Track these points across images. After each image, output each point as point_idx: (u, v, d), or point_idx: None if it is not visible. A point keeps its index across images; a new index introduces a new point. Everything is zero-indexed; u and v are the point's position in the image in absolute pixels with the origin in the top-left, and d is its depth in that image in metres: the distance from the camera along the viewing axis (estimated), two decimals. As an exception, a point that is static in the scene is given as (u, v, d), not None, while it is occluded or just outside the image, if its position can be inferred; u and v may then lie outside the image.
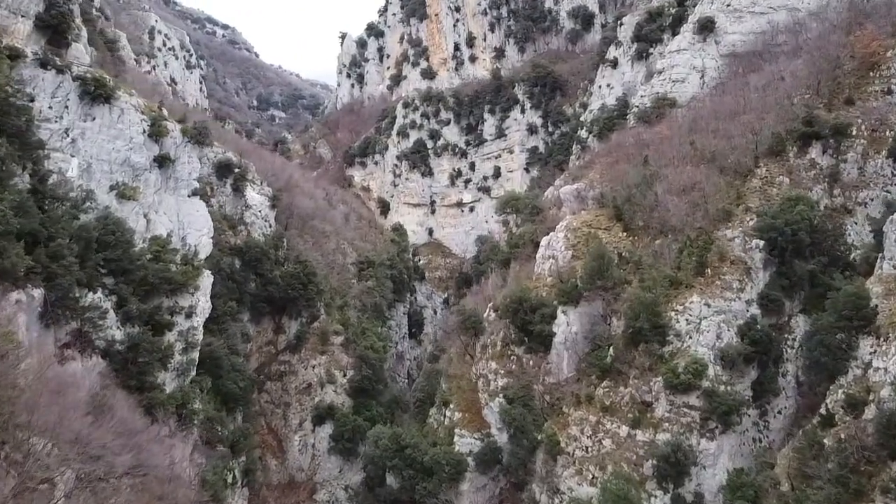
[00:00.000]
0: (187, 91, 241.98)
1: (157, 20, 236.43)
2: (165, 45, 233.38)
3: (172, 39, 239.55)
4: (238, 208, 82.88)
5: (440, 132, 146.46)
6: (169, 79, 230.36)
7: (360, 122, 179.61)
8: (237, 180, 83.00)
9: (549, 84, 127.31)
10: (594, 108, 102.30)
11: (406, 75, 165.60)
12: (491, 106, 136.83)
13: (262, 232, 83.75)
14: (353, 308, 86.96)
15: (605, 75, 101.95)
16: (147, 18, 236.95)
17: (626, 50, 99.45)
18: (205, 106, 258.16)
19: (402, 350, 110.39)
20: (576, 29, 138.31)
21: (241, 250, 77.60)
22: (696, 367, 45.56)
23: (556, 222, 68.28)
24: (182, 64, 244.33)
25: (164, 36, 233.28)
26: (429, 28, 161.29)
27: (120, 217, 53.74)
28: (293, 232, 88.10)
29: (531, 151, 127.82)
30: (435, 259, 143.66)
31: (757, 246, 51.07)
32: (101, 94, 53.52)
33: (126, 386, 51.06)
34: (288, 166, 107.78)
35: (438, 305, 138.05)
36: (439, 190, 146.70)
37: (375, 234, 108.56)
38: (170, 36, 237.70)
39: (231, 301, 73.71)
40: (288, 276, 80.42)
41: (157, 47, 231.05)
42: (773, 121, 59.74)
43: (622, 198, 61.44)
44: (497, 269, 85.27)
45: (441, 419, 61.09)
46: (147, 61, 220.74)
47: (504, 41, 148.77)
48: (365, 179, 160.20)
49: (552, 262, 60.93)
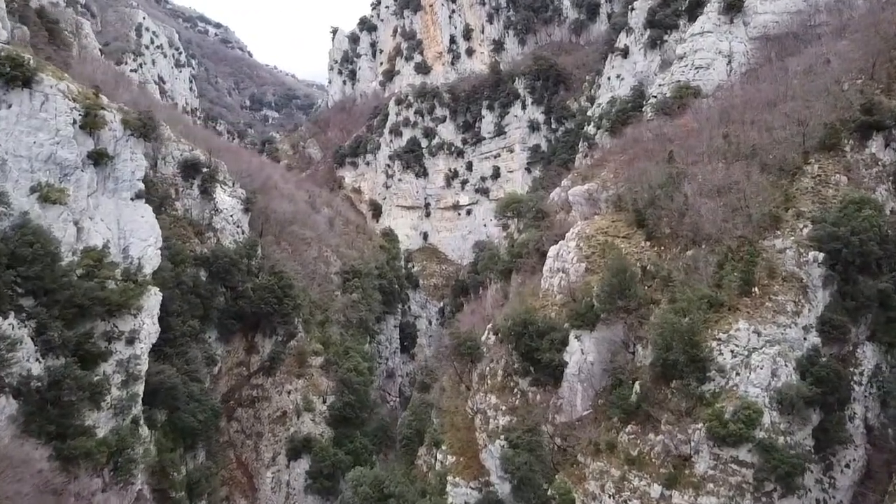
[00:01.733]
0: (176, 90, 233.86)
1: (144, 17, 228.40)
2: (153, 43, 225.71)
3: (161, 37, 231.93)
4: (206, 213, 73.65)
5: (435, 130, 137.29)
6: (157, 77, 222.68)
7: (351, 120, 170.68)
8: (205, 181, 73.86)
9: (551, 78, 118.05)
10: (603, 101, 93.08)
11: (399, 70, 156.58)
12: (489, 102, 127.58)
13: (233, 239, 74.55)
14: (336, 324, 77.58)
15: (615, 66, 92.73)
16: (134, 15, 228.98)
17: (637, 37, 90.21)
18: (195, 105, 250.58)
19: (394, 366, 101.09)
20: (580, 19, 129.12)
21: (208, 260, 68.29)
22: (749, 413, 36.27)
23: (566, 229, 58.95)
24: (171, 62, 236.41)
25: (152, 33, 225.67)
26: (423, 20, 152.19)
27: (42, 225, 44.46)
28: (269, 239, 78.73)
29: (533, 150, 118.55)
30: (430, 265, 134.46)
31: (815, 259, 41.81)
32: (17, 77, 44.17)
33: (45, 432, 41.79)
34: (266, 166, 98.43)
35: (433, 315, 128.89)
36: (434, 191, 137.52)
37: (364, 239, 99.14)
38: (158, 33, 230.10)
39: (193, 319, 64.47)
40: (261, 289, 71.21)
41: (145, 45, 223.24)
42: (823, 109, 50.48)
43: (644, 200, 52.09)
44: (497, 281, 75.99)
45: (431, 462, 51.75)
46: (133, 59, 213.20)
47: (503, 33, 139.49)
48: (356, 180, 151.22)
49: (562, 276, 51.58)
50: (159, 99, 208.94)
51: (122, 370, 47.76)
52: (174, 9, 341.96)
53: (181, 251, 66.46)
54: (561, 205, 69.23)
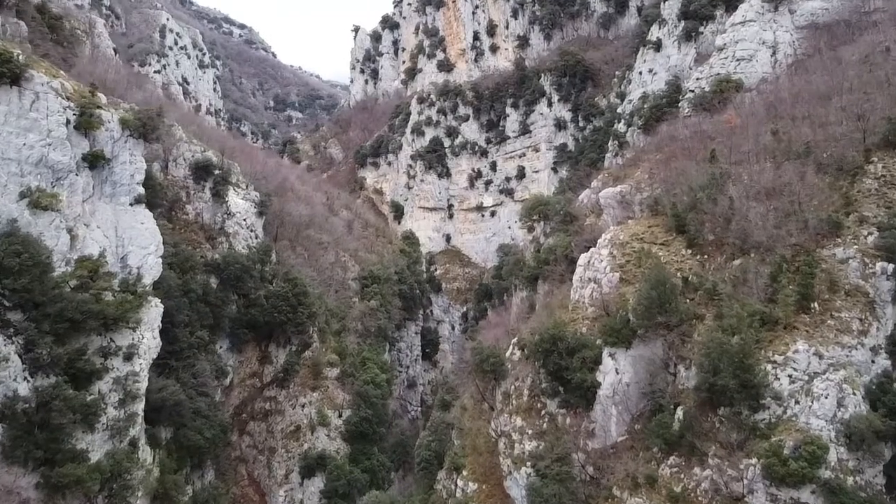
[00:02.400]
0: (200, 91, 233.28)
1: (168, 18, 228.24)
2: (177, 44, 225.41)
3: (184, 38, 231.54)
4: (218, 217, 70.64)
5: (458, 129, 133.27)
6: (181, 78, 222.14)
7: (373, 119, 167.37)
8: (218, 184, 70.87)
9: (579, 74, 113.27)
10: (634, 97, 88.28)
11: (421, 68, 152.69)
12: (514, 100, 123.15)
13: (246, 244, 71.44)
14: (353, 332, 73.93)
15: (647, 59, 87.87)
16: (158, 17, 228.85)
17: (671, 29, 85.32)
18: (219, 107, 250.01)
19: (415, 375, 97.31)
20: (608, 13, 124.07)
21: (219, 267, 65.11)
22: (812, 449, 31.65)
23: (597, 234, 54.47)
24: (195, 63, 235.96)
25: (176, 34, 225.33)
26: (445, 16, 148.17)
27: (31, 233, 41.30)
28: (284, 244, 75.41)
29: (559, 149, 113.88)
30: (453, 268, 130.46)
31: (883, 271, 37.04)
32: (4, 73, 41.01)
33: (32, 458, 38.58)
34: (283, 168, 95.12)
35: (456, 320, 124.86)
36: (457, 192, 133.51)
37: (384, 243, 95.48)
38: (182, 35, 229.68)
39: (202, 329, 61.33)
40: (275, 297, 68.00)
41: (168, 46, 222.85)
42: (885, 102, 45.51)
43: (684, 204, 47.51)
44: (522, 288, 71.78)
45: (451, 488, 47.67)
46: (157, 60, 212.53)
47: (528, 28, 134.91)
48: (377, 181, 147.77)
49: (594, 287, 47.23)
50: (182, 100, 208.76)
51: (120, 388, 44.47)
52: (199, 10, 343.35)
53: (191, 257, 63.42)
54: (591, 208, 64.78)
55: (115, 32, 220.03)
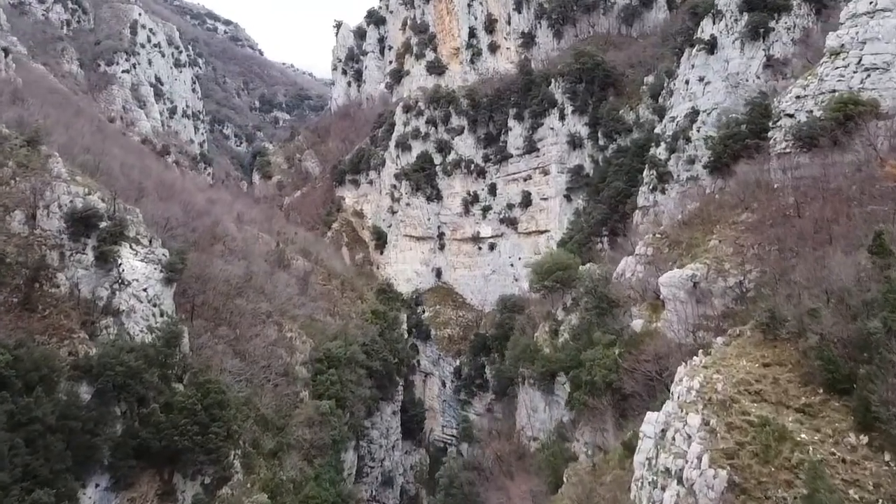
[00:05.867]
0: (175, 92, 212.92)
1: (140, 13, 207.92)
2: (150, 42, 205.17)
3: (158, 35, 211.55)
4: (104, 289, 49.42)
5: (451, 144, 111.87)
6: (153, 78, 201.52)
7: (355, 128, 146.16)
8: (104, 241, 50.02)
9: (598, 80, 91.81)
10: (679, 113, 67.15)
11: (409, 70, 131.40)
12: (518, 110, 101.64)
13: (145, 326, 50.40)
14: (296, 450, 52.57)
15: (696, 64, 66.64)
16: (129, 11, 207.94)
17: (730, 25, 64.14)
18: (197, 108, 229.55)
19: (392, 467, 75.81)
20: (631, 4, 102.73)
21: (91, 371, 44.01)
22: None
23: (661, 350, 33.31)
24: (169, 62, 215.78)
25: (149, 31, 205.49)
26: (437, 9, 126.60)
27: None
28: (201, 322, 54.04)
29: (574, 172, 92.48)
30: (444, 310, 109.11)
31: None
32: None
33: None
34: (218, 205, 73.13)
35: (448, 375, 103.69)
36: (450, 219, 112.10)
37: (352, 298, 74.15)
38: (155, 31, 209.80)
39: (54, 471, 40.10)
40: (178, 411, 46.74)
41: (140, 43, 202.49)
42: None
43: (834, 333, 26.33)
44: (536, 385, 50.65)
45: None
46: (126, 58, 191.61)
47: (534, 24, 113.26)
48: (358, 202, 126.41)
49: (679, 491, 25.88)
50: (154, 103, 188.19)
51: None
52: (181, 5, 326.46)
53: (48, 358, 42.18)
54: (640, 288, 43.49)
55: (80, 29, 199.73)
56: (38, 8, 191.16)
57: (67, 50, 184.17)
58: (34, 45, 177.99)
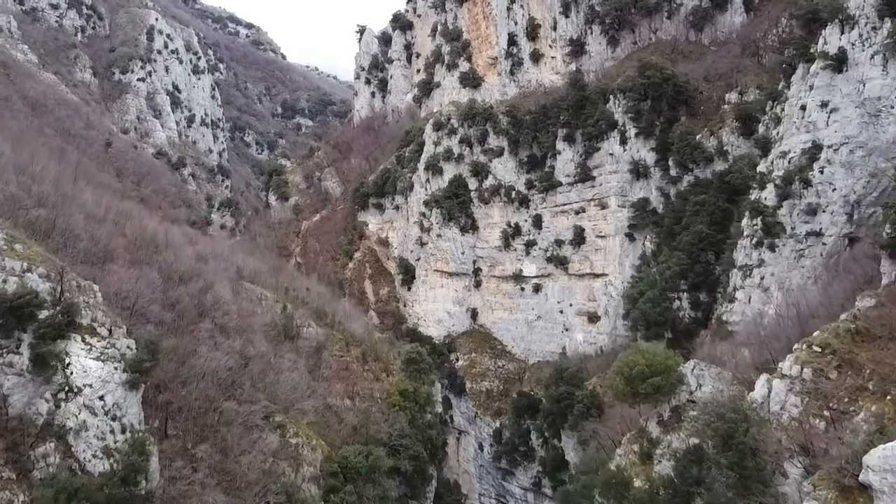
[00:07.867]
0: (193, 100, 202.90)
1: (157, 18, 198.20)
2: (167, 48, 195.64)
3: (176, 40, 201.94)
4: (43, 400, 36.63)
5: (488, 167, 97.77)
6: (170, 86, 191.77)
7: (379, 145, 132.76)
8: (45, 337, 37.19)
9: (666, 97, 77.00)
10: (792, 147, 52.34)
11: (439, 82, 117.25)
12: (568, 130, 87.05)
13: (99, 448, 37.61)
14: None
15: (817, 85, 51.62)
16: (146, 17, 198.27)
17: (865, 35, 49.17)
18: (217, 116, 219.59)
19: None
20: (701, 6, 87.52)
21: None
22: None
23: None
24: (188, 69, 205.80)
25: (167, 36, 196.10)
26: (471, 14, 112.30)
27: None
28: (176, 442, 40.52)
29: (638, 207, 77.73)
30: (480, 359, 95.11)
31: None
32: None
33: None
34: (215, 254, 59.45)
35: (486, 437, 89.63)
36: (487, 253, 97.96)
37: (376, 372, 60.29)
38: (173, 36, 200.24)
39: None
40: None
41: (157, 50, 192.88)
42: None
43: None
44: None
45: None
46: (141, 66, 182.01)
47: (584, 29, 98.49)
48: (382, 229, 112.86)
49: None
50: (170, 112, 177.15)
51: None
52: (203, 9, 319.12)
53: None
54: (803, 439, 28.89)
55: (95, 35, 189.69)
56: (51, 14, 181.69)
57: (81, 58, 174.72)
58: (45, 53, 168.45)
